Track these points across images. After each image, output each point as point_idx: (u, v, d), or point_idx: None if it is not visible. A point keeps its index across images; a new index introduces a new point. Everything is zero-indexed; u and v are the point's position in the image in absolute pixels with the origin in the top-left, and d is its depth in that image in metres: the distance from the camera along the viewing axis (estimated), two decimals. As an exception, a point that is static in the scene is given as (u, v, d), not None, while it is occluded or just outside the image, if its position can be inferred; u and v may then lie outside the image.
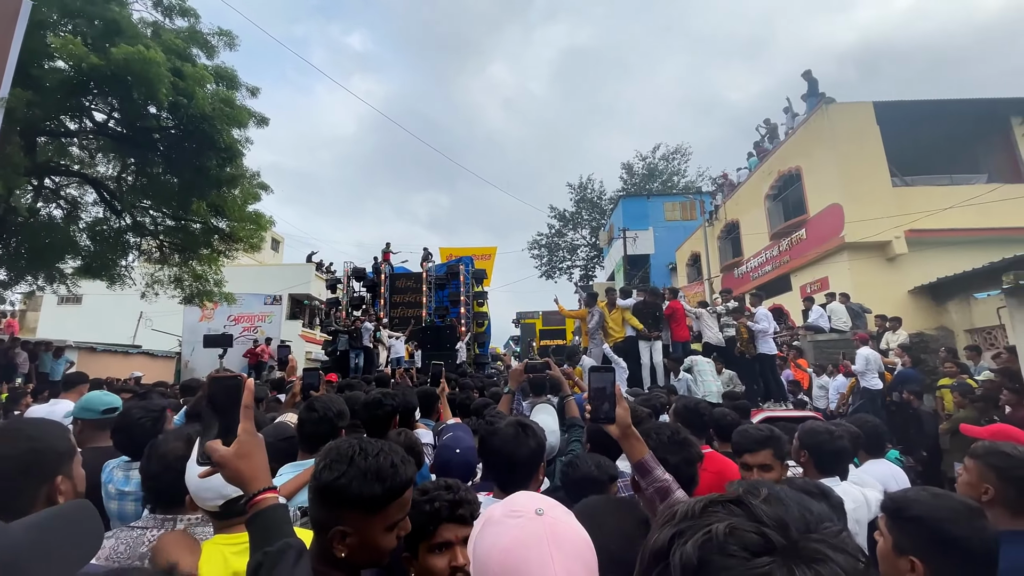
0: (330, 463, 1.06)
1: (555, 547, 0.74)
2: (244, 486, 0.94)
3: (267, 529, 0.89)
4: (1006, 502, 1.59)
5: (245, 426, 0.97)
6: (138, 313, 19.84)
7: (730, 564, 0.42)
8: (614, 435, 1.53)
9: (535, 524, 0.76)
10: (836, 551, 0.43)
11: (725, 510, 0.48)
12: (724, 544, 0.43)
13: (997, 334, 9.64)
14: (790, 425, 2.67)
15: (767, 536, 0.44)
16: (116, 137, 9.64)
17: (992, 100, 13.50)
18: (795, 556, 0.42)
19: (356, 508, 1.02)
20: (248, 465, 0.95)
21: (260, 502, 0.92)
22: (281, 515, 0.92)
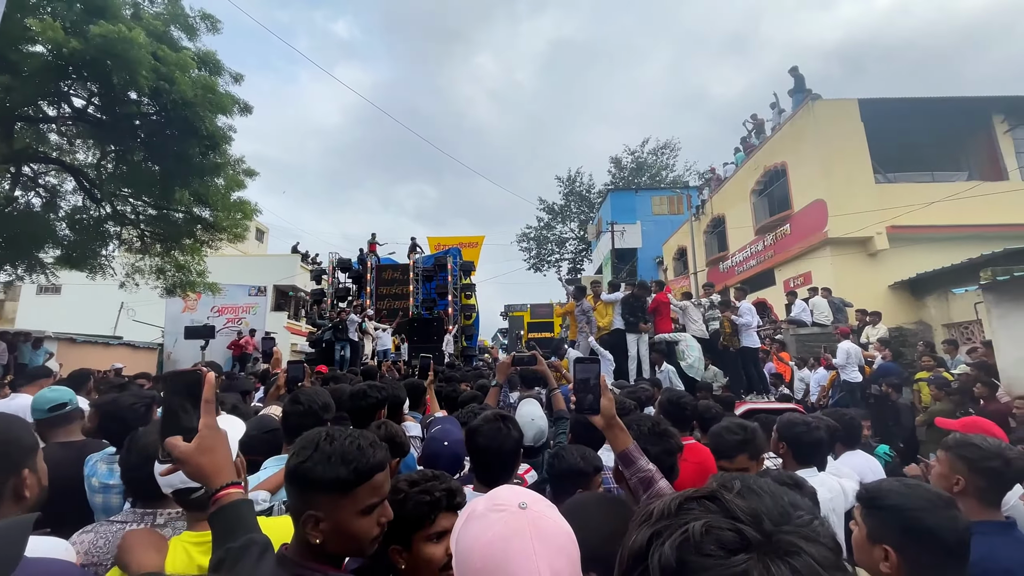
0: (300, 449, 1.07)
1: (538, 541, 0.74)
2: (207, 482, 0.92)
3: (230, 525, 0.88)
4: (977, 493, 1.63)
5: (206, 421, 0.95)
6: (119, 304, 19.48)
7: (708, 564, 0.43)
8: (599, 425, 1.55)
9: (518, 518, 0.76)
10: (809, 542, 0.44)
11: (700, 507, 0.48)
12: (701, 544, 0.44)
13: (974, 329, 9.88)
14: (771, 417, 2.73)
15: (742, 532, 0.45)
16: (96, 123, 9.40)
17: (974, 98, 13.75)
18: (770, 551, 0.43)
19: (325, 491, 1.03)
20: (210, 460, 0.93)
21: (223, 497, 0.91)
22: (245, 510, 0.91)
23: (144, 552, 1.17)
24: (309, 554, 1.05)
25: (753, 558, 0.42)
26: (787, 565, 0.42)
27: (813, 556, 0.43)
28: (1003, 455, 1.59)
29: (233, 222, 10.68)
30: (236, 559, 0.83)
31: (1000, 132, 13.48)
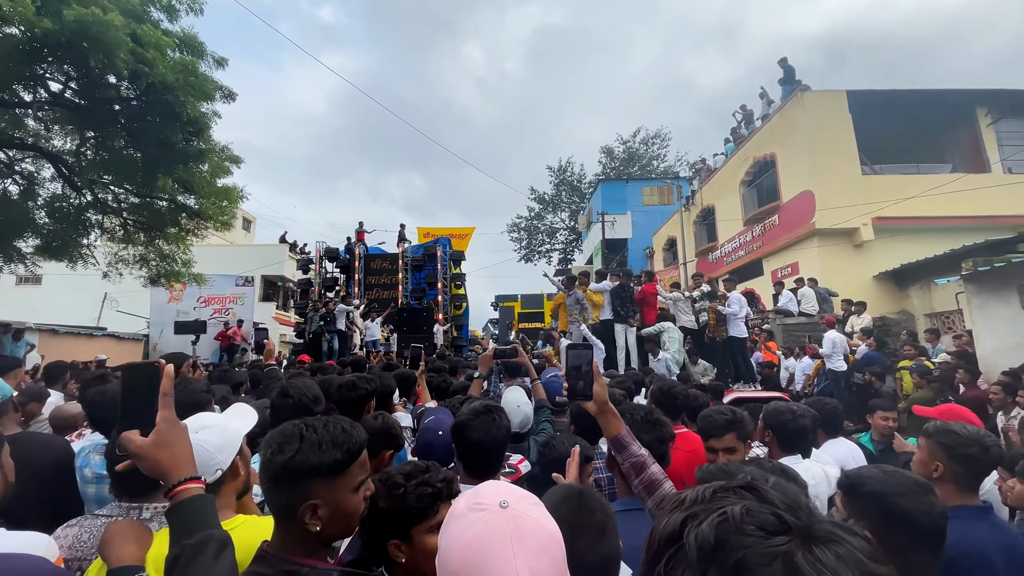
0: (279, 446, 1.06)
1: (518, 543, 0.71)
2: (164, 477, 0.90)
3: (188, 520, 0.86)
4: (954, 479, 1.67)
5: (164, 414, 0.93)
6: (102, 294, 19.17)
7: (748, 543, 0.42)
8: (591, 411, 1.56)
9: (498, 518, 0.74)
10: (849, 533, 0.44)
11: (736, 495, 0.48)
12: (740, 524, 0.44)
13: (955, 318, 10.08)
14: (758, 405, 2.76)
15: (782, 517, 0.44)
16: (73, 108, 9.15)
17: (959, 91, 13.90)
18: (811, 536, 0.43)
19: (321, 477, 1.05)
20: (168, 455, 0.90)
21: (180, 492, 0.88)
22: (204, 506, 0.88)
23: (124, 544, 1.15)
24: (295, 548, 1.05)
25: (795, 541, 0.42)
26: (831, 551, 0.42)
27: (855, 545, 0.43)
28: (981, 442, 1.63)
29: (219, 210, 10.50)
30: (192, 556, 0.80)
31: (984, 125, 13.67)
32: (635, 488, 1.52)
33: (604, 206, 26.91)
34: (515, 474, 2.20)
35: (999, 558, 1.51)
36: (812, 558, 0.41)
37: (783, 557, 0.41)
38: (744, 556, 0.42)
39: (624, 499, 1.65)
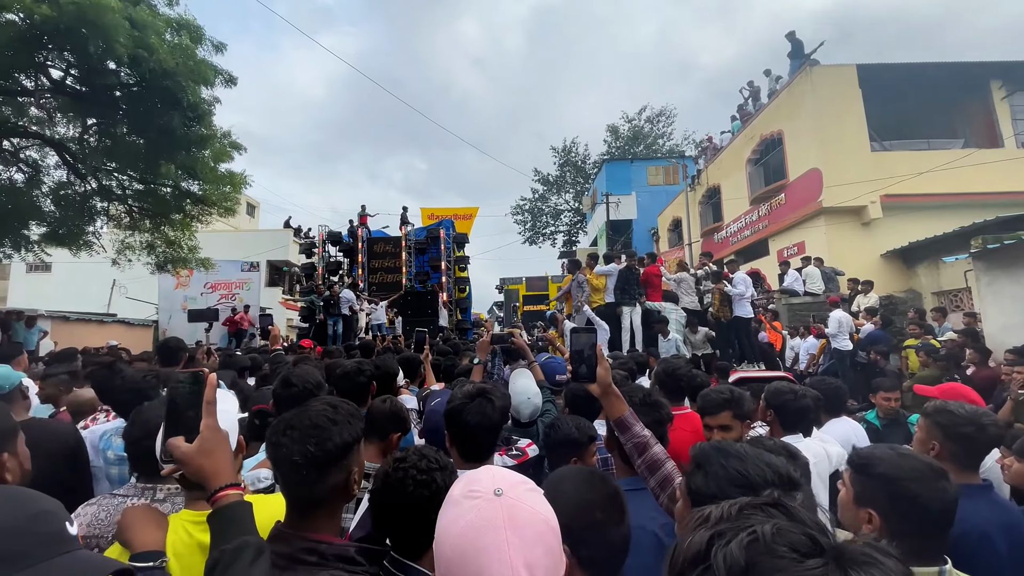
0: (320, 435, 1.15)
1: (512, 531, 0.70)
2: (206, 483, 0.95)
3: (227, 526, 0.90)
4: (951, 457, 1.68)
5: (208, 422, 0.98)
6: (111, 281, 19.33)
7: (781, 565, 0.41)
8: (595, 393, 1.58)
9: (492, 506, 0.73)
10: (885, 555, 0.43)
11: (764, 512, 0.47)
12: (772, 546, 0.42)
13: (963, 296, 10.00)
14: (762, 385, 2.78)
15: (815, 539, 0.43)
16: (75, 95, 9.13)
17: (972, 64, 13.55)
18: (846, 559, 0.41)
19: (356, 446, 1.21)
20: (211, 462, 0.95)
21: (221, 499, 0.93)
22: (243, 512, 0.93)
23: (145, 529, 1.19)
24: (313, 526, 1.13)
25: (830, 564, 0.41)
26: (867, 573, 0.40)
27: (891, 568, 0.42)
28: (977, 421, 1.63)
29: (223, 195, 10.51)
30: (231, 561, 0.85)
31: (997, 98, 13.35)
32: (638, 468, 1.55)
33: (609, 186, 26.66)
34: (522, 456, 2.22)
35: (1000, 537, 1.53)
36: None
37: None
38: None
39: (626, 479, 1.68)
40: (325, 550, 1.09)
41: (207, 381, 0.99)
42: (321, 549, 1.09)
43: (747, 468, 1.04)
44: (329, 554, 1.09)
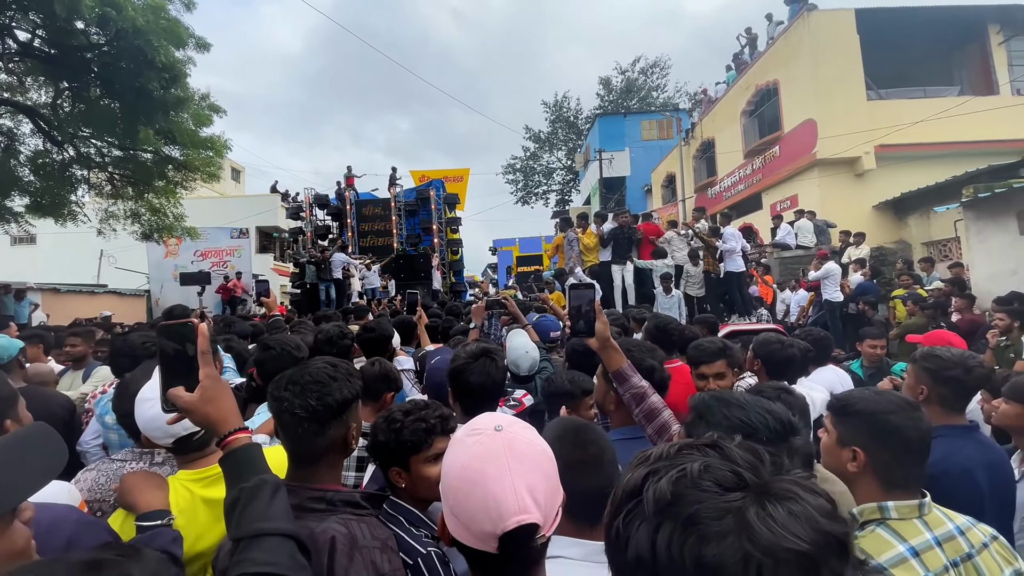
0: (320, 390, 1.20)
1: (513, 459, 0.77)
2: (214, 429, 0.95)
3: (241, 467, 0.91)
4: (939, 400, 1.74)
5: (206, 371, 0.97)
6: (99, 251, 19.07)
7: (703, 498, 0.43)
8: (594, 347, 1.64)
9: (493, 439, 0.79)
10: (807, 491, 0.44)
11: (699, 452, 0.49)
12: (698, 480, 0.45)
13: (952, 246, 10.09)
14: (751, 337, 2.85)
15: (740, 475, 0.45)
16: (44, 58, 8.74)
17: (972, 7, 13.16)
18: (767, 493, 0.43)
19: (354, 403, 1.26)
20: (215, 408, 0.95)
21: (232, 442, 0.94)
22: (254, 453, 0.94)
23: (149, 491, 1.21)
24: (319, 478, 1.19)
25: (749, 497, 0.43)
26: (784, 508, 0.42)
27: (811, 504, 0.43)
28: (964, 364, 1.68)
29: (205, 160, 10.26)
30: (251, 497, 0.87)
31: (995, 43, 13.05)
32: (636, 417, 1.61)
33: (601, 142, 26.16)
34: (519, 407, 2.33)
35: (982, 474, 1.60)
36: (764, 514, 0.41)
37: (735, 512, 0.42)
38: (697, 510, 0.43)
39: (623, 428, 1.73)
40: (333, 497, 1.15)
41: (198, 330, 0.98)
42: (329, 496, 1.15)
43: (749, 416, 1.07)
44: (337, 500, 1.15)
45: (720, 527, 0.41)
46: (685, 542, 0.42)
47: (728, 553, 0.40)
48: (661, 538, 0.43)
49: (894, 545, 1.10)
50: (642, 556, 0.44)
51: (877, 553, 1.09)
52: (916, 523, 1.15)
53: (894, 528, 1.14)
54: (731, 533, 0.41)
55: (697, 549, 0.41)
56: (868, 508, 1.20)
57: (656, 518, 0.44)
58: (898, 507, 1.16)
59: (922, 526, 1.14)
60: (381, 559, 1.09)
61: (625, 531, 0.46)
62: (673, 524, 0.43)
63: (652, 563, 0.43)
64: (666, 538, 0.43)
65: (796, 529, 0.41)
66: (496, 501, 0.74)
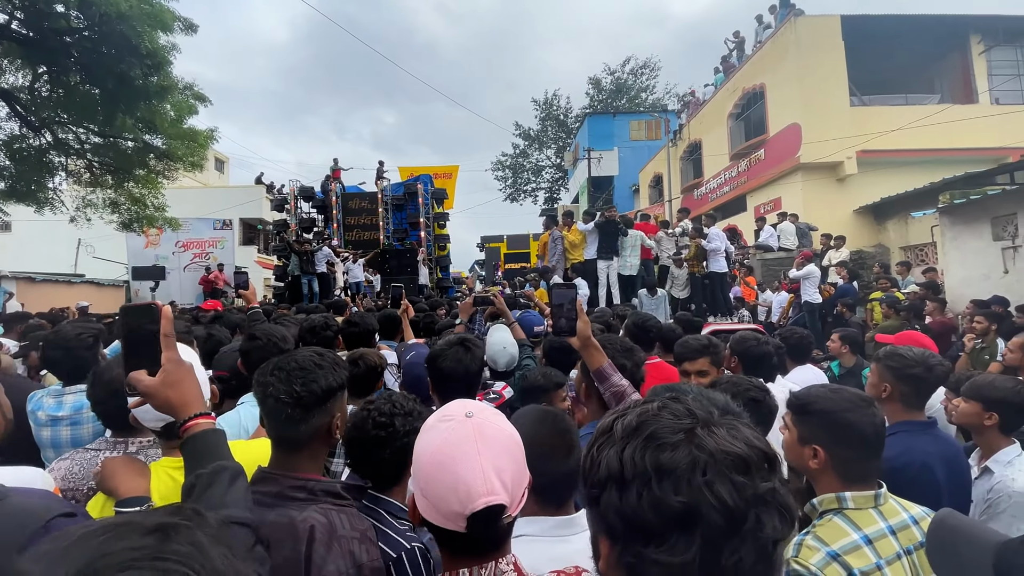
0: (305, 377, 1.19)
1: (482, 444, 0.80)
2: (175, 413, 0.94)
3: (200, 453, 0.90)
4: (901, 397, 1.80)
5: (169, 355, 0.95)
6: (77, 240, 18.66)
7: (662, 422, 0.55)
8: (575, 346, 1.67)
9: (464, 425, 0.82)
10: (745, 426, 0.56)
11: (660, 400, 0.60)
12: (657, 414, 0.56)
13: (928, 251, 10.33)
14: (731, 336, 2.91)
15: (692, 411, 0.56)
16: (22, 41, 8.49)
17: (955, 17, 13.45)
18: (712, 422, 0.54)
19: (339, 392, 1.26)
20: (177, 393, 0.94)
21: (192, 427, 0.92)
22: (215, 439, 0.92)
23: (129, 477, 1.21)
24: (301, 467, 1.20)
25: (698, 424, 0.54)
26: (725, 430, 0.53)
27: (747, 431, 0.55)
28: (925, 363, 1.74)
29: (188, 150, 10.08)
30: (207, 484, 0.85)
31: (975, 53, 13.36)
32: None
33: (591, 141, 26.26)
34: (499, 399, 2.35)
35: (940, 468, 1.67)
36: (709, 432, 0.53)
37: (686, 430, 0.53)
38: (655, 429, 0.54)
39: (594, 421, 1.76)
40: (314, 486, 1.16)
41: (162, 313, 0.96)
42: (310, 486, 1.16)
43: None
44: (318, 490, 1.16)
45: (674, 439, 0.52)
46: (646, 452, 0.52)
47: (680, 457, 0.51)
48: (627, 453, 0.53)
49: (849, 533, 1.15)
50: (612, 470, 0.54)
51: (832, 540, 1.14)
52: (871, 513, 1.19)
53: (850, 517, 1.19)
54: (682, 443, 0.52)
55: (656, 456, 0.51)
56: (827, 498, 1.24)
57: (623, 441, 0.55)
58: (855, 497, 1.21)
59: (877, 516, 1.19)
60: (359, 549, 1.10)
61: (598, 455, 0.56)
62: (636, 441, 0.54)
63: (620, 474, 0.53)
64: (631, 452, 0.53)
65: (734, 442, 0.52)
66: (465, 483, 0.78)
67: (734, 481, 0.49)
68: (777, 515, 0.50)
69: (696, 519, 0.48)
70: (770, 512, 0.49)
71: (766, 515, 0.49)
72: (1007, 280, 7.22)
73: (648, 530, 0.50)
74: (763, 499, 0.49)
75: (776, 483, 0.51)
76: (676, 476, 0.49)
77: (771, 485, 0.51)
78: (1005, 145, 11.55)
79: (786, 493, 0.52)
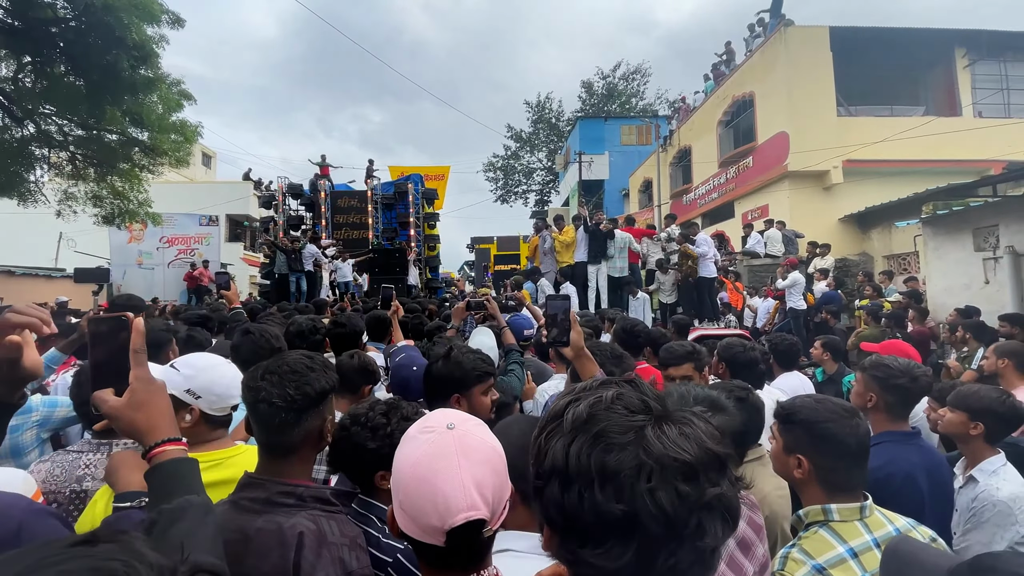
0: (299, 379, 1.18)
1: (463, 456, 0.79)
2: (141, 438, 0.84)
3: (166, 484, 0.80)
4: (886, 408, 1.83)
5: (137, 373, 0.86)
6: (58, 234, 18.28)
7: (612, 417, 0.52)
8: (568, 356, 1.69)
9: (444, 437, 0.81)
10: (700, 419, 0.53)
11: (616, 386, 0.57)
12: (611, 405, 0.53)
13: (911, 260, 10.52)
14: (718, 342, 2.93)
15: (647, 403, 0.54)
16: (6, 31, 8.32)
17: (940, 31, 13.72)
18: (667, 418, 0.52)
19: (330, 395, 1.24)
20: (143, 416, 0.85)
21: (159, 455, 0.83)
22: (184, 469, 0.83)
23: (130, 471, 1.17)
24: (290, 473, 1.17)
25: (651, 419, 0.52)
26: (678, 428, 0.51)
27: (701, 429, 0.52)
28: (910, 373, 1.76)
29: (174, 144, 9.94)
30: (170, 522, 0.75)
31: (960, 66, 13.64)
32: None
33: (582, 145, 26.38)
34: None
35: (923, 477, 1.71)
36: (660, 432, 0.51)
37: (636, 429, 0.51)
38: (606, 427, 0.51)
39: None
40: (303, 492, 1.14)
41: (132, 326, 0.87)
42: (299, 492, 1.13)
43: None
44: (307, 496, 1.14)
45: (622, 440, 0.50)
46: (592, 451, 0.50)
47: (626, 460, 0.49)
48: (573, 449, 0.51)
49: (835, 546, 1.16)
50: (557, 464, 0.52)
51: (818, 553, 1.15)
52: (857, 525, 1.20)
53: (835, 530, 1.20)
54: (630, 444, 0.50)
55: (602, 457, 0.49)
56: (813, 510, 1.25)
57: (571, 433, 0.53)
58: (840, 510, 1.22)
59: (863, 528, 1.20)
60: (349, 556, 1.09)
61: (546, 444, 0.54)
62: (584, 437, 0.51)
63: (565, 469, 0.51)
64: (577, 448, 0.51)
65: (684, 445, 0.50)
66: (445, 497, 0.76)
67: (679, 489, 0.48)
68: (720, 520, 0.49)
69: (635, 527, 0.47)
70: (713, 518, 0.48)
71: (708, 521, 0.48)
72: (988, 290, 7.38)
73: (586, 532, 0.49)
74: (708, 505, 0.48)
75: (724, 486, 0.50)
76: (619, 481, 0.48)
77: (718, 490, 0.49)
78: (987, 158, 11.81)
79: (733, 495, 0.51)
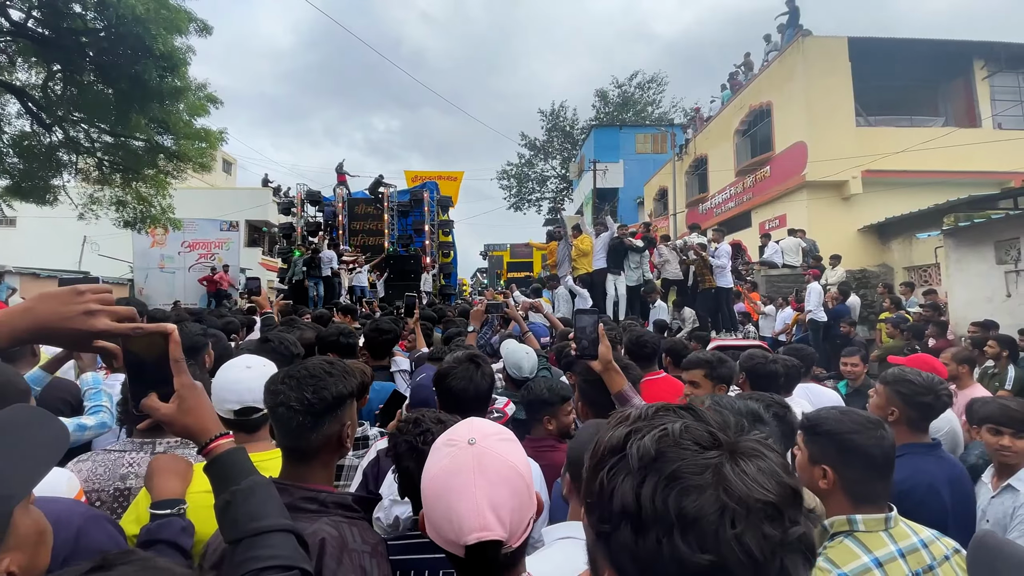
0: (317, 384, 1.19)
1: (479, 475, 0.79)
2: (195, 438, 0.93)
3: (228, 471, 0.90)
4: (908, 422, 1.83)
5: (181, 380, 0.94)
6: (82, 237, 18.73)
7: (684, 455, 0.49)
8: (596, 369, 1.71)
9: (463, 453, 0.81)
10: (769, 449, 0.52)
11: (675, 414, 0.54)
12: (679, 439, 0.50)
13: (932, 272, 10.36)
14: (739, 352, 2.95)
15: (714, 435, 0.51)
16: (38, 40, 8.62)
17: (959, 42, 13.58)
18: (738, 451, 0.50)
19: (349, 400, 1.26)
20: (194, 419, 0.93)
21: (215, 448, 0.92)
22: (239, 457, 0.93)
23: (168, 478, 1.22)
24: (312, 478, 1.19)
25: (724, 454, 0.49)
26: (753, 464, 0.49)
27: (773, 460, 0.51)
28: (934, 390, 1.77)
29: (198, 151, 10.18)
30: (245, 498, 0.86)
31: (979, 78, 13.46)
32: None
33: (596, 153, 26.41)
34: (503, 417, 2.31)
35: (945, 489, 1.71)
36: (738, 469, 0.48)
37: (713, 468, 0.48)
38: (679, 467, 0.48)
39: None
40: (325, 498, 1.16)
41: (171, 338, 0.93)
42: (321, 498, 1.15)
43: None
44: (329, 502, 1.16)
45: (700, 481, 0.47)
46: (668, 495, 0.47)
47: (707, 504, 0.46)
48: (646, 491, 0.48)
49: (859, 556, 1.17)
50: (627, 507, 0.49)
51: (843, 562, 1.16)
52: (882, 536, 1.21)
53: (861, 540, 1.21)
54: (710, 487, 0.47)
55: (679, 501, 0.46)
56: (838, 520, 1.26)
57: (640, 473, 0.49)
58: (866, 520, 1.23)
59: (887, 539, 1.21)
60: (370, 564, 1.09)
61: (610, 483, 0.51)
62: (656, 478, 0.48)
63: (637, 513, 0.48)
64: (650, 491, 0.48)
65: (764, 482, 0.47)
66: (458, 516, 0.77)
67: (765, 532, 0.45)
68: (802, 559, 0.47)
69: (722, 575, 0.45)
70: (795, 559, 0.46)
71: (791, 562, 0.46)
72: (1009, 304, 7.24)
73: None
74: (791, 545, 0.46)
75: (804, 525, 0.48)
76: (702, 528, 0.45)
77: (801, 530, 0.47)
78: (1008, 170, 11.59)
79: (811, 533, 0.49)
